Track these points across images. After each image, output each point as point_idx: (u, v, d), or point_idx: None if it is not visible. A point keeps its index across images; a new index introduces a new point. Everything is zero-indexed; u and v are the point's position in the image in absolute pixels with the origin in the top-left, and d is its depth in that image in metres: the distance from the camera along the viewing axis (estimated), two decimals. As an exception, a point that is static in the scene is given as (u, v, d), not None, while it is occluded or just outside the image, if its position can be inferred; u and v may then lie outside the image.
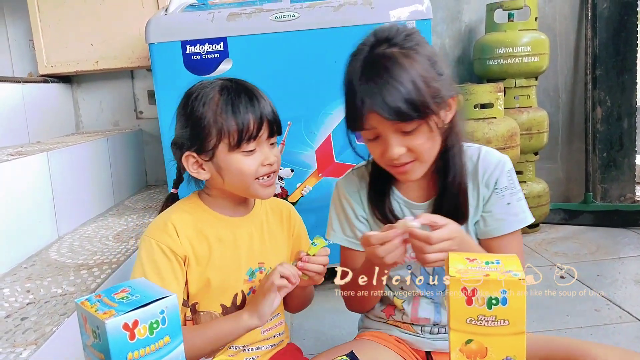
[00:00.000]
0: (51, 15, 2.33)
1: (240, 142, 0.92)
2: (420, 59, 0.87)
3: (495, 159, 1.00)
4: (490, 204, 0.98)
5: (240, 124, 0.91)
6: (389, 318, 1.08)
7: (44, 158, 1.58)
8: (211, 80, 0.98)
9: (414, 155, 0.90)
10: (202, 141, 0.93)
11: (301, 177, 1.78)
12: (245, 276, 1.00)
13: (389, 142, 0.88)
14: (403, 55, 0.87)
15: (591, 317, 1.61)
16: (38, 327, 1.00)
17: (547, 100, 2.71)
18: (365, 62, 0.88)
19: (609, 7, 2.62)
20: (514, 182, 0.99)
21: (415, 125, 0.87)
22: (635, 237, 2.33)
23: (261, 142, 0.94)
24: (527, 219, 0.99)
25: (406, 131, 0.87)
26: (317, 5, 1.72)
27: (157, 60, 1.73)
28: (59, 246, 1.54)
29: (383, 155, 0.91)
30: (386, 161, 0.92)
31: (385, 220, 1.00)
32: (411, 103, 0.84)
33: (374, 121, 0.87)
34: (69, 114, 2.53)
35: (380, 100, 0.84)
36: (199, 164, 0.96)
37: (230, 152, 0.93)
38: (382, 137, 0.89)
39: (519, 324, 0.68)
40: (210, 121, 0.92)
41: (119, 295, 0.66)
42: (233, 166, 0.93)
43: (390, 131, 0.88)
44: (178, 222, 0.97)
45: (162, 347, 0.65)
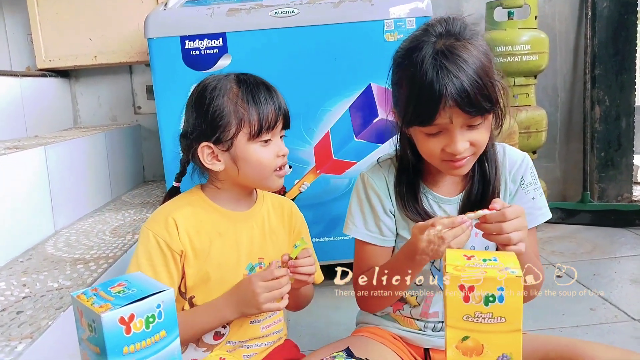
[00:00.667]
0: (50, 9, 2.32)
1: (260, 131, 0.94)
2: (484, 52, 0.88)
3: (519, 155, 1.03)
4: (516, 199, 1.01)
5: (261, 114, 0.94)
6: (395, 312, 1.07)
7: (42, 152, 1.58)
8: (224, 74, 1.00)
9: (473, 149, 0.90)
10: (222, 131, 0.94)
11: (299, 173, 1.78)
12: (245, 271, 1.00)
13: (454, 137, 0.87)
14: (473, 47, 0.86)
15: (587, 316, 1.61)
16: (34, 321, 0.99)
17: (545, 99, 2.71)
18: (439, 53, 0.84)
19: (609, 7, 2.62)
20: (536, 177, 1.03)
21: (484, 118, 0.87)
22: (632, 237, 2.33)
23: (275, 133, 0.97)
24: (548, 213, 1.03)
25: (473, 125, 0.87)
26: (317, 2, 1.72)
27: (156, 55, 1.72)
28: (55, 240, 1.54)
29: (443, 150, 0.89)
30: (445, 156, 0.90)
31: (417, 215, 0.99)
32: (486, 95, 0.84)
33: (451, 115, 0.84)
34: (66, 109, 2.52)
35: (463, 92, 0.82)
36: (214, 155, 0.97)
37: (248, 142, 0.95)
38: (446, 132, 0.88)
39: (515, 322, 0.69)
40: (230, 111, 0.94)
41: (115, 289, 0.66)
42: (252, 156, 0.95)
43: (459, 125, 0.86)
44: (179, 216, 0.97)
45: (158, 341, 0.64)
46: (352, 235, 1.05)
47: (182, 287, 0.98)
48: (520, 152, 1.04)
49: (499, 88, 0.89)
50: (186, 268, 0.97)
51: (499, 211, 0.82)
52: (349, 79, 1.73)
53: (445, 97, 0.82)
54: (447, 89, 0.82)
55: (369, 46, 1.70)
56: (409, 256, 0.88)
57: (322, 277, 1.11)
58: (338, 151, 1.78)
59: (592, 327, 1.55)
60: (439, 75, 0.83)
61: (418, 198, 1.00)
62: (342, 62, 1.73)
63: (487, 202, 0.97)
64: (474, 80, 0.83)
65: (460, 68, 0.83)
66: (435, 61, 0.84)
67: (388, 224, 1.02)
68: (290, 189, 1.79)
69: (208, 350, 1.00)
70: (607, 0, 2.62)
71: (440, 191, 1.01)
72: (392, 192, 1.02)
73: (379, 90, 1.73)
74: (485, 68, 0.86)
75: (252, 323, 1.02)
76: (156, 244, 0.94)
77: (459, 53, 0.84)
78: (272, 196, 1.09)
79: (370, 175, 1.04)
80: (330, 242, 1.81)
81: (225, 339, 1.00)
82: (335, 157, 1.78)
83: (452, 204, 1.01)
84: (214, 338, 1.00)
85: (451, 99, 0.82)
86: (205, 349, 1.00)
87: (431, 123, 0.86)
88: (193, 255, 0.97)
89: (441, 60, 0.83)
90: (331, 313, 1.68)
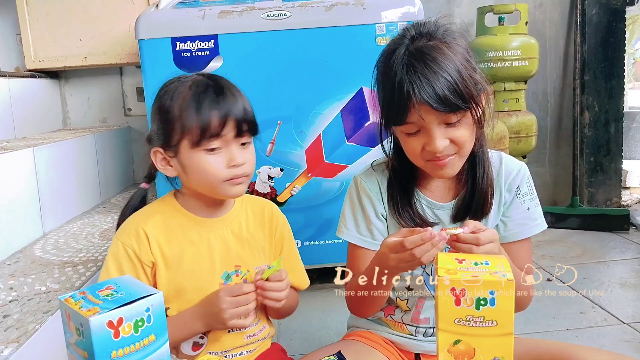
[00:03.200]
0: (39, 9, 2.31)
1: (201, 139, 0.88)
2: (461, 51, 0.88)
3: (516, 164, 1.02)
4: (511, 209, 1.00)
5: (202, 120, 0.88)
6: (387, 317, 1.07)
7: (30, 154, 1.56)
8: (189, 74, 0.96)
9: (455, 148, 0.89)
10: (168, 136, 0.91)
11: (291, 176, 1.78)
12: (221, 280, 0.97)
13: (432, 135, 0.87)
14: (446, 46, 0.87)
15: (577, 320, 1.62)
16: (20, 325, 0.98)
17: (535, 104, 2.73)
18: (409, 54, 0.86)
19: (598, 14, 2.65)
20: (532, 188, 1.02)
21: (460, 116, 0.87)
22: (621, 241, 2.35)
23: (227, 140, 0.90)
24: (544, 224, 1.02)
25: (450, 122, 0.87)
26: (309, 5, 1.72)
27: (147, 56, 1.71)
28: (43, 243, 1.52)
29: (424, 149, 0.89)
30: (426, 155, 0.90)
31: (410, 220, 0.98)
32: (459, 93, 0.84)
33: (421, 113, 0.85)
34: (56, 110, 2.50)
35: (430, 90, 0.83)
36: (166, 160, 0.94)
37: (192, 150, 0.89)
38: (424, 131, 0.88)
39: (507, 325, 0.68)
40: (175, 116, 0.90)
41: (103, 292, 0.65)
42: (196, 165, 0.90)
43: (435, 123, 0.86)
44: (149, 226, 0.94)
45: (147, 346, 0.64)
46: (344, 239, 1.04)
47: None
48: (518, 162, 1.03)
49: (478, 86, 0.89)
50: (157, 279, 0.94)
51: (474, 235, 0.80)
52: (340, 83, 1.73)
53: (414, 95, 0.84)
54: (414, 87, 0.84)
55: (360, 50, 1.70)
56: (381, 270, 0.87)
57: (307, 283, 1.09)
58: (329, 154, 1.78)
59: (582, 330, 1.56)
60: (407, 75, 0.85)
61: (412, 203, 0.99)
62: (334, 66, 1.73)
63: (479, 208, 0.97)
64: (443, 78, 0.84)
65: (428, 67, 0.84)
66: (404, 62, 0.86)
67: (380, 228, 1.02)
68: (281, 192, 1.78)
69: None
70: (597, 7, 2.65)
71: (433, 196, 1.01)
72: (385, 196, 1.02)
73: (371, 93, 1.73)
74: (459, 66, 0.86)
75: (230, 332, 0.98)
76: (126, 255, 0.92)
77: (429, 52, 0.86)
78: (253, 200, 1.06)
79: (363, 179, 1.04)
80: (321, 246, 1.80)
81: (205, 349, 0.97)
82: (327, 161, 1.78)
83: (445, 210, 1.00)
84: (192, 349, 0.97)
85: (419, 96, 0.83)
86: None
87: (404, 121, 0.87)
88: (164, 266, 0.94)
89: (410, 60, 0.85)
90: (322, 317, 1.67)
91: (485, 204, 0.98)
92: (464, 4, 2.66)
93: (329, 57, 1.72)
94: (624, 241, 2.36)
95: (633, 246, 2.28)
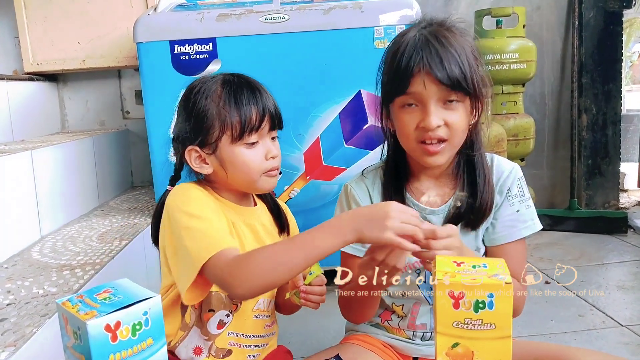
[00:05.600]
0: (38, 12, 2.30)
1: (242, 133, 0.92)
2: (470, 45, 0.91)
3: (508, 166, 1.01)
4: (500, 211, 0.99)
5: (242, 115, 0.92)
6: (384, 322, 1.07)
7: (28, 157, 1.56)
8: (213, 75, 0.99)
9: (448, 133, 0.89)
10: (205, 134, 0.94)
11: (289, 179, 1.78)
12: None
13: (429, 110, 0.88)
14: (459, 33, 0.90)
15: (575, 323, 1.62)
16: (17, 329, 0.98)
17: (533, 107, 2.73)
18: (422, 34, 0.89)
19: (595, 17, 2.66)
20: (523, 189, 1.00)
21: (459, 97, 0.88)
22: (619, 244, 2.36)
23: (263, 134, 0.95)
24: (536, 226, 1.01)
25: (449, 100, 0.88)
26: (307, 8, 1.72)
27: (145, 59, 1.71)
28: (41, 246, 1.52)
29: (418, 127, 0.90)
30: (419, 135, 0.90)
31: None
32: (464, 73, 0.87)
33: (424, 80, 0.86)
34: (54, 113, 2.50)
35: (437, 60, 0.86)
36: (201, 158, 0.96)
37: (232, 145, 0.93)
38: (422, 107, 0.89)
39: (505, 328, 0.68)
40: (213, 113, 0.93)
41: (101, 295, 0.65)
42: (238, 159, 0.93)
43: (434, 99, 0.88)
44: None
45: (144, 349, 0.63)
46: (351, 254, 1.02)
47: None
48: (510, 163, 1.03)
49: (480, 77, 0.91)
50: None
51: (430, 229, 0.78)
52: (339, 86, 1.74)
53: (421, 62, 0.86)
54: (422, 54, 0.87)
55: (359, 53, 1.71)
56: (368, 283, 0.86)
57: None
58: (328, 157, 1.78)
59: (580, 333, 1.56)
60: (418, 45, 0.88)
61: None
62: (332, 69, 1.73)
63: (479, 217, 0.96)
64: (452, 54, 0.87)
65: (440, 42, 0.87)
66: (417, 38, 0.89)
67: None
68: (279, 195, 1.78)
69: (209, 340, 0.98)
70: (594, 10, 2.66)
71: (423, 201, 1.00)
72: (376, 202, 1.01)
73: (369, 96, 1.73)
74: (468, 54, 0.89)
75: (255, 318, 1.00)
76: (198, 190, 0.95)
77: (442, 33, 0.89)
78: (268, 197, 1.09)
79: (353, 187, 1.04)
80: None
81: (227, 329, 0.98)
82: (325, 163, 1.78)
83: (437, 215, 0.99)
84: (217, 327, 0.98)
85: (426, 63, 0.86)
86: (206, 338, 0.98)
87: (405, 90, 0.88)
88: None
89: (424, 36, 0.89)
90: (321, 319, 1.67)
91: (486, 212, 0.97)
92: (461, 6, 2.67)
93: (327, 60, 1.73)
94: (622, 244, 2.36)
95: (631, 249, 2.29)
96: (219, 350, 0.98)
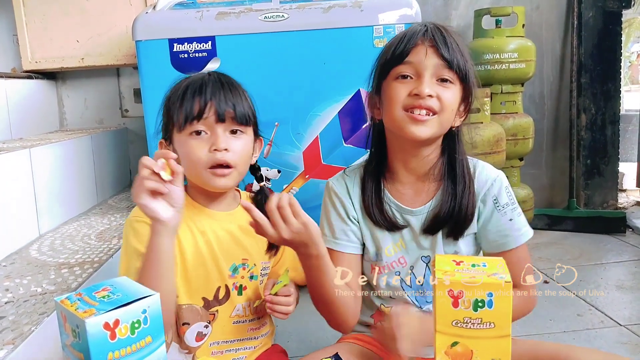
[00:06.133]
0: (36, 10, 2.30)
1: (185, 122, 0.92)
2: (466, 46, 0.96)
3: (493, 174, 1.00)
4: (492, 222, 0.99)
5: (184, 104, 0.93)
6: (377, 323, 1.06)
7: (26, 155, 1.56)
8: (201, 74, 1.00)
9: (439, 106, 0.90)
10: (165, 127, 0.98)
11: (288, 178, 1.78)
12: (228, 271, 0.99)
13: (423, 80, 0.90)
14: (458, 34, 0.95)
15: (574, 322, 1.62)
16: (16, 327, 0.97)
17: (532, 106, 2.73)
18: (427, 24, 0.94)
19: (594, 17, 2.66)
20: (512, 197, 1.00)
21: (453, 78, 0.91)
22: (618, 244, 2.36)
23: (211, 125, 0.92)
24: (529, 232, 1.01)
25: (443, 80, 0.91)
26: (306, 7, 1.72)
27: (144, 58, 1.71)
28: (39, 244, 1.52)
29: (409, 95, 0.90)
30: (409, 103, 0.90)
31: (379, 223, 0.98)
32: (460, 61, 0.91)
33: (425, 51, 0.90)
34: (52, 111, 2.49)
35: (440, 36, 0.91)
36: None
37: (179, 134, 0.94)
38: (417, 79, 0.91)
39: (504, 327, 0.68)
40: (169, 106, 0.96)
41: (100, 293, 0.64)
42: (183, 149, 0.93)
43: (431, 72, 0.90)
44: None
45: (143, 347, 0.63)
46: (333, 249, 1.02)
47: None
48: (494, 172, 1.01)
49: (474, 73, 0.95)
50: None
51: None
52: (338, 84, 1.73)
53: (425, 33, 0.92)
54: (428, 29, 0.93)
55: (358, 52, 1.70)
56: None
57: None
58: (327, 156, 1.78)
59: (579, 332, 1.56)
60: (423, 26, 0.94)
61: (383, 206, 0.99)
62: (332, 67, 1.73)
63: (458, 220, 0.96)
64: (453, 40, 0.92)
65: (445, 30, 0.93)
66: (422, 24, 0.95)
67: (354, 230, 1.02)
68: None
69: (190, 353, 0.98)
70: (593, 10, 2.66)
71: (402, 200, 1.00)
72: (356, 199, 1.02)
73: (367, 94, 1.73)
74: (463, 48, 0.94)
75: (234, 323, 1.00)
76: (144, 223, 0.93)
77: (444, 27, 0.95)
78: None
79: (333, 183, 1.06)
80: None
81: (208, 340, 0.98)
82: (324, 162, 1.78)
83: (416, 216, 0.99)
84: (196, 339, 0.98)
85: (430, 34, 0.91)
86: (187, 352, 0.98)
87: (406, 56, 0.91)
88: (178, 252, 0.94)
89: (429, 23, 0.95)
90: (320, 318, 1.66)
91: (466, 219, 0.97)
92: (461, 6, 2.67)
93: (327, 59, 1.72)
94: (620, 243, 2.36)
95: (629, 248, 2.29)
96: None
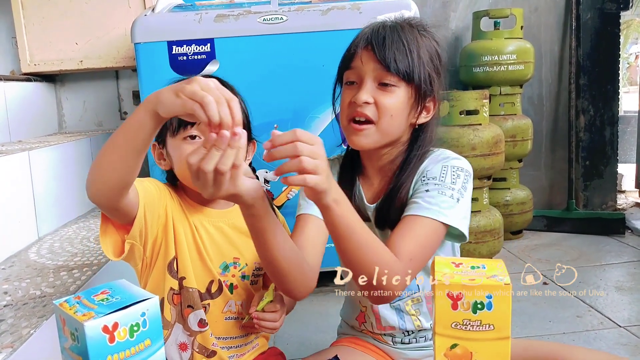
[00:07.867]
0: (35, 13, 2.30)
1: (178, 126, 0.93)
2: (431, 49, 0.92)
3: (442, 154, 0.94)
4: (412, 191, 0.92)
5: None
6: (361, 326, 1.07)
7: (25, 157, 1.56)
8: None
9: (376, 114, 0.89)
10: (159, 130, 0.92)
11: (287, 180, 1.77)
12: (218, 269, 1.00)
13: (363, 86, 0.90)
14: (419, 34, 0.92)
15: (573, 323, 1.62)
16: (15, 330, 0.97)
17: (531, 108, 2.74)
18: (382, 23, 0.93)
19: (593, 18, 2.67)
20: (446, 177, 0.89)
21: (395, 82, 0.88)
22: (617, 245, 2.36)
23: (204, 129, 0.87)
24: (441, 216, 0.85)
25: (384, 83, 0.89)
26: (305, 9, 1.72)
27: (143, 60, 1.71)
28: (38, 247, 1.51)
29: (350, 103, 0.90)
30: (350, 112, 0.91)
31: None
32: (407, 61, 0.88)
33: (363, 58, 0.90)
34: (51, 114, 2.49)
35: (380, 40, 0.89)
36: (160, 155, 0.99)
37: (173, 138, 0.95)
38: (359, 84, 0.91)
39: (504, 329, 0.68)
40: None
41: (98, 297, 0.64)
42: (175, 153, 0.95)
43: (371, 76, 0.89)
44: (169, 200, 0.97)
45: (142, 351, 0.63)
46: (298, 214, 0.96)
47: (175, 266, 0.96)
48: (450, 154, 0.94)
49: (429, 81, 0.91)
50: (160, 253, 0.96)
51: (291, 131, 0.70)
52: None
53: (365, 39, 0.91)
54: (370, 35, 0.91)
55: (357, 54, 1.70)
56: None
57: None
58: (326, 158, 1.77)
59: (578, 334, 1.56)
60: (371, 29, 0.92)
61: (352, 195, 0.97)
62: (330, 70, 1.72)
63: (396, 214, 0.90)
64: (400, 41, 0.89)
65: (392, 30, 0.90)
66: (375, 25, 0.93)
67: None
68: (277, 196, 1.78)
69: (192, 336, 0.99)
70: (591, 12, 2.66)
71: (366, 194, 0.99)
72: None
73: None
74: (421, 49, 0.90)
75: (226, 319, 1.01)
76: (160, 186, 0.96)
77: (402, 25, 0.92)
78: None
79: None
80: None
81: (209, 329, 0.99)
82: (323, 164, 1.78)
83: (370, 211, 0.98)
84: (198, 325, 0.99)
85: (369, 39, 0.90)
86: (189, 334, 0.99)
87: (349, 65, 0.92)
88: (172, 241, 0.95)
89: (381, 24, 0.93)
90: (319, 320, 1.67)
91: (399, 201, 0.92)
92: (459, 8, 2.67)
93: (325, 61, 1.72)
94: (619, 244, 2.36)
95: (629, 249, 2.29)
96: (203, 348, 0.99)
